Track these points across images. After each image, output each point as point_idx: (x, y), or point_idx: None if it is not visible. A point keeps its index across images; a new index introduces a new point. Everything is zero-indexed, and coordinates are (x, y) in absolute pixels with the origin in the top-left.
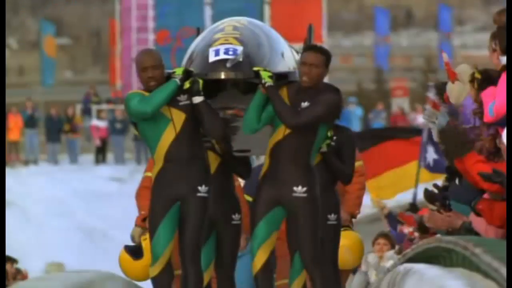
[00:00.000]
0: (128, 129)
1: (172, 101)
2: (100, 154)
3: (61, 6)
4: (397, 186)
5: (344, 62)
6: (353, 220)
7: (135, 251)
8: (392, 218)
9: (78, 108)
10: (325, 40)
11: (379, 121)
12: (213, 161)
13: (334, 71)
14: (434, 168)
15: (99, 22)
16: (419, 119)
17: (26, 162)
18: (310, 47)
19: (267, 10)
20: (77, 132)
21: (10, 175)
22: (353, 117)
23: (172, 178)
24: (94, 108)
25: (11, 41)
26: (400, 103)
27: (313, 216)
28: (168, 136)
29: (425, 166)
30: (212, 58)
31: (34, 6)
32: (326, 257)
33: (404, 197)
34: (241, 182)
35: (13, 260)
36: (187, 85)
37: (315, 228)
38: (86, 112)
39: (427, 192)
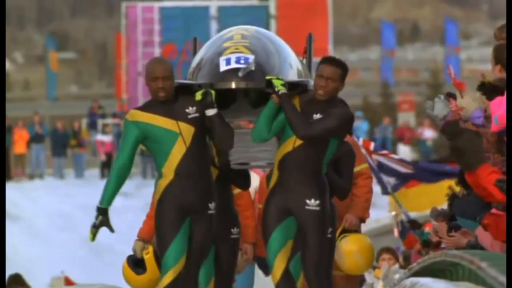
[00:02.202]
0: None
1: (180, 114)
2: (106, 169)
3: (66, 20)
4: (427, 199)
5: (350, 76)
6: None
7: (137, 264)
8: (404, 226)
9: (84, 122)
10: (331, 54)
11: (385, 136)
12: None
13: None
14: None
15: (105, 36)
16: (426, 133)
17: (31, 177)
18: (327, 59)
19: (273, 24)
20: (83, 147)
21: (16, 189)
22: (359, 131)
23: (183, 192)
24: (99, 122)
25: (17, 56)
26: (406, 117)
27: (322, 231)
28: (178, 151)
29: None
30: (223, 67)
31: (40, 20)
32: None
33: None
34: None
35: (20, 280)
36: (198, 96)
37: (322, 243)
38: (92, 126)
39: (434, 211)
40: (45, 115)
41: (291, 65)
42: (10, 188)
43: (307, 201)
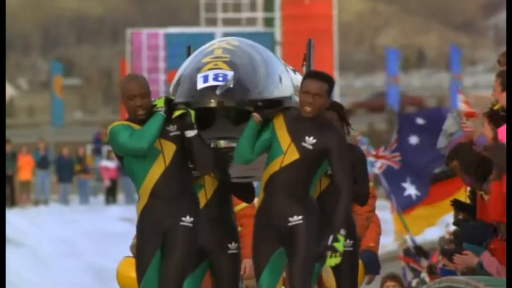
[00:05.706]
0: None
1: (161, 132)
2: (110, 195)
3: (71, 47)
4: (427, 220)
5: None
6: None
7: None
8: (410, 253)
9: (89, 148)
10: (337, 80)
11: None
12: (210, 186)
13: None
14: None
15: (110, 63)
16: None
17: (36, 203)
18: (312, 74)
19: (278, 51)
20: (88, 173)
21: (21, 215)
22: None
23: (159, 215)
24: (104, 148)
25: (22, 82)
26: None
27: (307, 243)
28: (156, 170)
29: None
30: (200, 85)
31: (45, 47)
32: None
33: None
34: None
35: None
36: (176, 113)
37: (308, 255)
38: (97, 152)
39: (442, 239)
40: (50, 142)
41: (281, 79)
42: (15, 214)
43: (289, 218)
